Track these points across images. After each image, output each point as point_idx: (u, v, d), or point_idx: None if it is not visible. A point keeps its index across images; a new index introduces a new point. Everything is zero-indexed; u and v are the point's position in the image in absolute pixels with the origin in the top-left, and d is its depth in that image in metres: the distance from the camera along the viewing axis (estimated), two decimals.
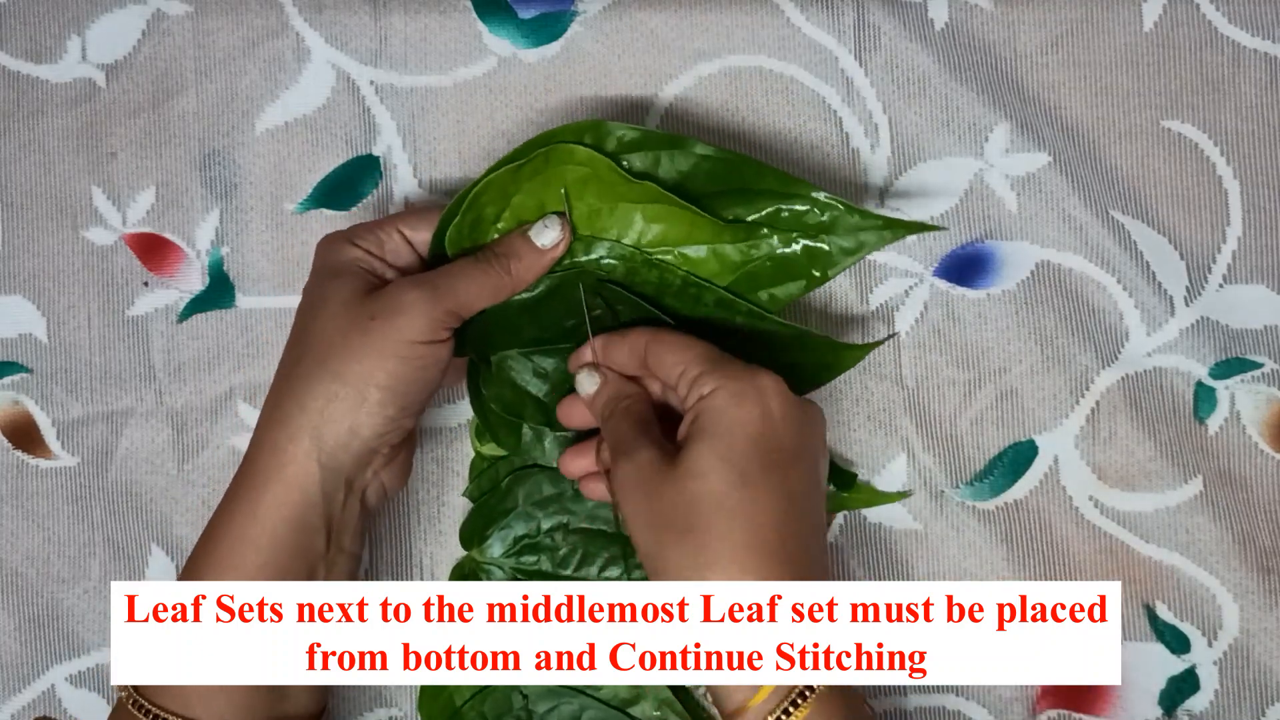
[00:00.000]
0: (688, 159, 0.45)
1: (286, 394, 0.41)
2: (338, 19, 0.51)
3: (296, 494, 0.41)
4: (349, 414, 0.41)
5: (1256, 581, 0.48)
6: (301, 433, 0.41)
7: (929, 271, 0.49)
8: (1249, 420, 0.49)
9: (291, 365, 0.42)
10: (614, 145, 0.44)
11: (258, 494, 0.41)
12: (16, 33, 0.52)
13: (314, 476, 0.41)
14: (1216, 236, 0.49)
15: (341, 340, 0.41)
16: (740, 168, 0.45)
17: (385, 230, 0.44)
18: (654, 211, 0.45)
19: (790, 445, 0.40)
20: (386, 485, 0.44)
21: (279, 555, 0.41)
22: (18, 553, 0.51)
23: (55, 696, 0.51)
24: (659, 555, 0.39)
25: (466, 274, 0.43)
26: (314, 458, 0.41)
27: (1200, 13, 0.49)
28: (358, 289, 0.42)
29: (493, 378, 0.47)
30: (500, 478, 0.48)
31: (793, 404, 0.40)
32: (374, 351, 0.41)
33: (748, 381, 0.40)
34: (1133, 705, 0.48)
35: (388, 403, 0.41)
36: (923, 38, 0.50)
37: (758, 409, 0.39)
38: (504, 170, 0.44)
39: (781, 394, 0.40)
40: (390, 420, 0.42)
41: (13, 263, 0.51)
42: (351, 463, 0.41)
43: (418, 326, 0.41)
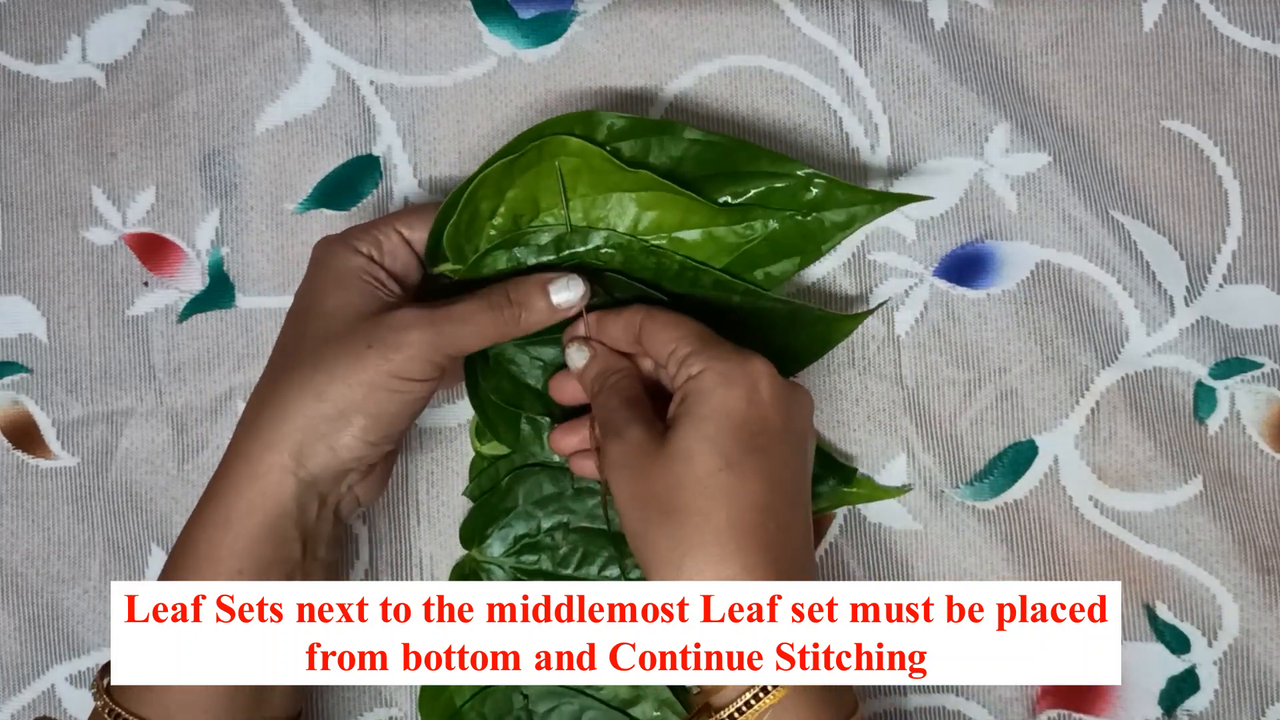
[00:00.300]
0: (678, 144, 0.45)
1: (269, 403, 0.41)
2: (338, 19, 0.51)
3: (271, 503, 0.40)
4: (329, 436, 0.40)
5: (1256, 581, 0.48)
6: (279, 445, 0.40)
7: (929, 271, 0.49)
8: (1249, 420, 0.49)
9: (278, 373, 0.42)
10: (604, 134, 0.44)
11: (231, 502, 0.41)
12: (16, 33, 0.52)
13: (289, 489, 0.40)
14: (1216, 236, 0.49)
15: (333, 360, 0.41)
16: (731, 151, 0.45)
17: (383, 231, 0.44)
18: (648, 199, 0.45)
19: (776, 428, 0.40)
20: (361, 498, 0.44)
21: (256, 563, 0.40)
22: (18, 553, 0.51)
23: (55, 696, 0.51)
24: (643, 535, 0.39)
25: (474, 319, 0.42)
26: (290, 471, 0.40)
27: (1200, 13, 0.49)
28: (357, 307, 0.42)
29: (490, 370, 0.47)
30: (500, 477, 0.48)
31: (781, 388, 0.40)
32: (364, 381, 0.40)
33: (736, 364, 0.40)
34: (1133, 705, 0.48)
35: (370, 430, 0.41)
36: (923, 38, 0.50)
37: (745, 391, 0.39)
38: (497, 166, 0.44)
39: (770, 377, 0.40)
40: (370, 446, 0.41)
41: (13, 263, 0.51)
42: (327, 479, 0.41)
43: (414, 367, 0.41)
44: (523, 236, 0.45)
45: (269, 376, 0.42)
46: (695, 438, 0.39)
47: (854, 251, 0.49)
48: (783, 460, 0.40)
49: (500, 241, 0.45)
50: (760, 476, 0.39)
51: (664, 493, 0.39)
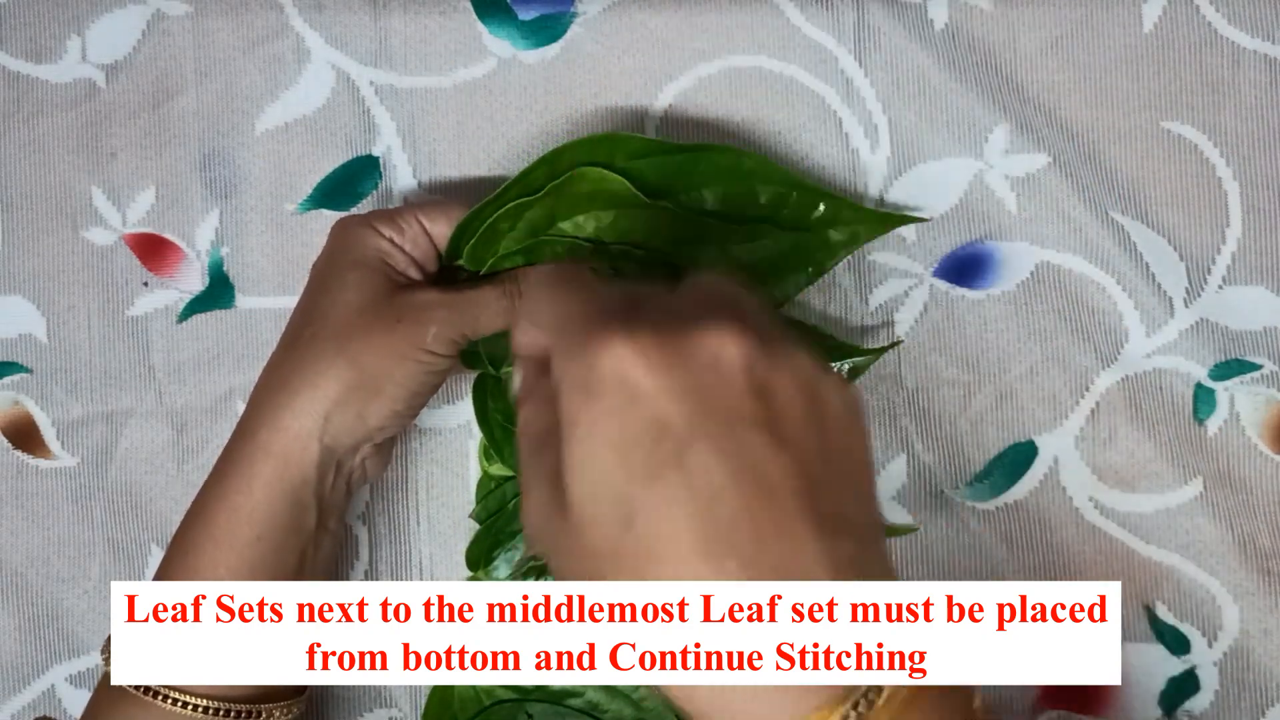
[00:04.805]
0: (699, 166, 0.46)
1: (295, 371, 0.42)
2: (338, 19, 0.51)
3: (294, 470, 0.41)
4: (360, 402, 0.41)
5: (1256, 582, 0.48)
6: (308, 411, 0.41)
7: (929, 272, 0.49)
8: (1249, 422, 0.49)
9: (303, 344, 0.42)
10: (625, 158, 0.45)
11: (255, 469, 0.41)
12: (16, 33, 0.52)
13: (313, 455, 0.41)
14: (1216, 238, 0.49)
15: (364, 332, 0.42)
16: (750, 173, 0.46)
17: (405, 219, 0.44)
18: (665, 216, 0.45)
19: (678, 425, 0.29)
20: (369, 472, 0.45)
21: (274, 531, 0.41)
22: (18, 553, 0.51)
23: (55, 696, 0.51)
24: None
25: (489, 305, 0.44)
26: (316, 436, 0.41)
27: (1200, 14, 0.49)
28: (382, 286, 0.43)
29: (499, 391, 0.47)
30: (508, 499, 0.48)
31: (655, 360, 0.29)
32: (395, 351, 0.42)
33: (586, 363, 0.29)
34: (1133, 706, 0.48)
35: (398, 399, 0.42)
36: (923, 38, 0.50)
37: (612, 401, 0.29)
38: (514, 205, 0.44)
39: (633, 358, 0.29)
40: (395, 415, 0.42)
41: (13, 263, 0.51)
42: (349, 446, 0.42)
43: (440, 343, 0.42)
44: (539, 246, 0.46)
45: (289, 348, 0.43)
46: (581, 498, 0.29)
47: (854, 252, 0.49)
48: (705, 461, 0.29)
49: (518, 249, 0.46)
50: (685, 502, 0.29)
51: (596, 566, 0.30)
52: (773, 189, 0.46)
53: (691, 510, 0.28)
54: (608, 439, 0.29)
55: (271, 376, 0.43)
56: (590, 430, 0.29)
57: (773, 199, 0.46)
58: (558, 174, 0.44)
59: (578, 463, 0.29)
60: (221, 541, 0.41)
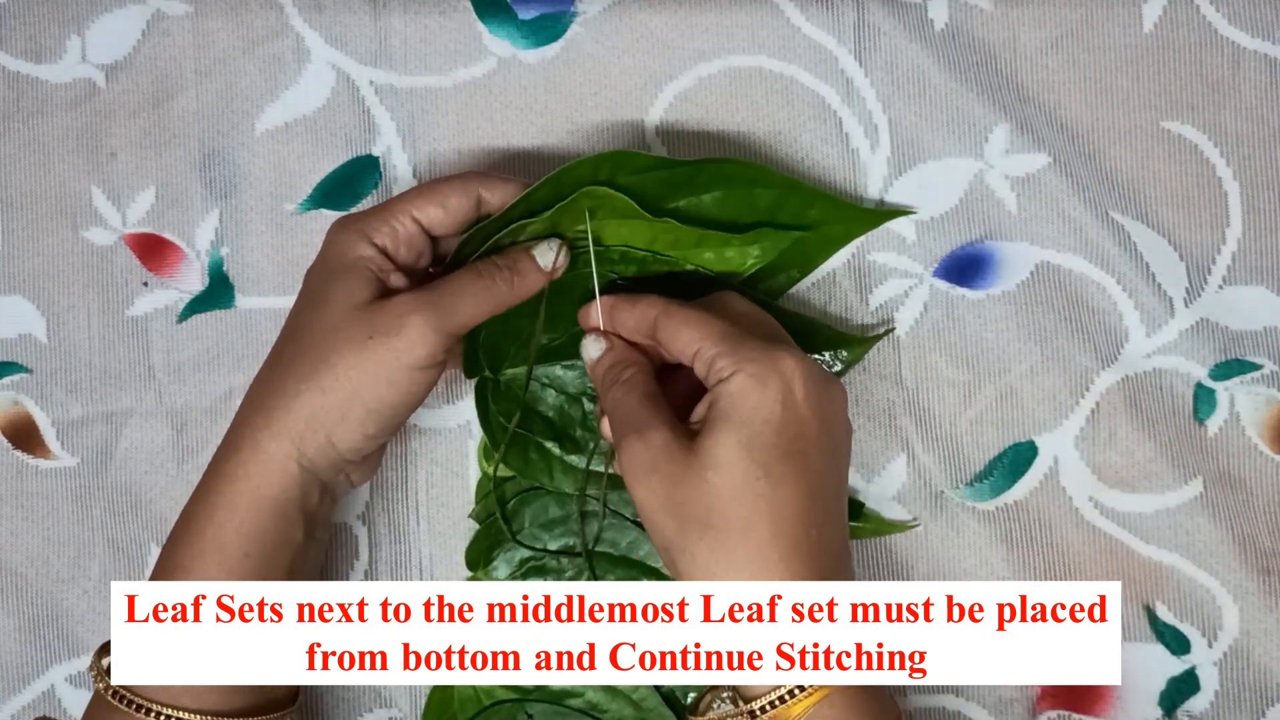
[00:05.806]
0: (702, 179, 0.46)
1: (273, 392, 0.41)
2: (338, 19, 0.51)
3: (277, 489, 0.41)
4: (328, 426, 0.41)
5: (1256, 582, 0.48)
6: (283, 434, 0.41)
7: (929, 272, 0.49)
8: (1249, 422, 0.49)
9: (284, 364, 0.42)
10: (628, 174, 0.45)
11: (239, 486, 0.41)
12: (16, 33, 0.52)
13: (293, 475, 0.41)
14: (1216, 238, 0.49)
15: (335, 352, 0.41)
16: (751, 181, 0.46)
17: (398, 219, 0.43)
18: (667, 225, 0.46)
19: (813, 432, 0.39)
20: (355, 481, 0.45)
21: (262, 546, 0.41)
22: (18, 553, 0.51)
23: (55, 696, 0.51)
24: (680, 546, 0.38)
25: (468, 290, 0.43)
26: (294, 459, 0.41)
27: (1200, 14, 0.49)
28: (360, 296, 0.42)
29: (501, 393, 0.47)
30: (507, 499, 0.48)
31: (815, 386, 0.39)
32: (365, 372, 0.41)
33: (768, 364, 0.39)
34: (1132, 706, 0.48)
35: (369, 423, 0.41)
36: (923, 38, 0.50)
37: (779, 394, 0.38)
38: (518, 225, 0.44)
39: (804, 376, 0.39)
40: (368, 438, 0.42)
41: (13, 263, 0.51)
42: (327, 467, 0.42)
43: (416, 353, 0.41)
44: None
45: (273, 364, 0.43)
46: (730, 445, 0.38)
47: (854, 252, 0.49)
48: (821, 463, 0.39)
49: None
50: (799, 483, 0.38)
51: (699, 502, 0.38)
52: (772, 193, 0.46)
53: (806, 486, 0.38)
54: (767, 419, 0.38)
55: (255, 394, 0.42)
56: (754, 410, 0.38)
57: (771, 202, 0.46)
58: (563, 193, 0.44)
59: (737, 424, 0.38)
60: (210, 558, 0.41)
